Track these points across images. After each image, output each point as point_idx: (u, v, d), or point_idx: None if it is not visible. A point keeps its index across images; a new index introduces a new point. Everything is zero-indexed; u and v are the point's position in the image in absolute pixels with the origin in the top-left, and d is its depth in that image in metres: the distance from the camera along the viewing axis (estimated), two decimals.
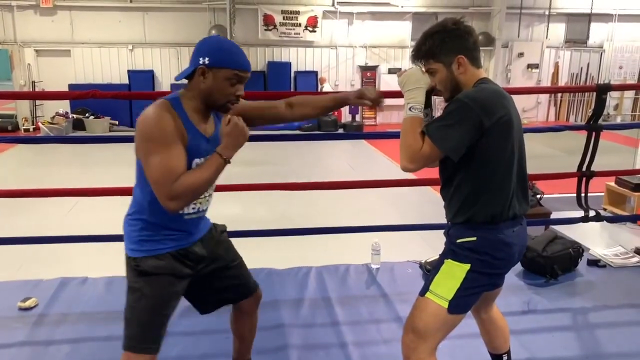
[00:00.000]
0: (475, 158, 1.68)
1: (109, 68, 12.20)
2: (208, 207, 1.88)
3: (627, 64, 13.86)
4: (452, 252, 1.78)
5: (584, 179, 3.37)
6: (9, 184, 5.95)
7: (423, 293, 1.78)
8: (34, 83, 11.87)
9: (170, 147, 1.59)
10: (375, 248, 3.55)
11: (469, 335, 2.35)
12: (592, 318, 2.96)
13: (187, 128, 1.65)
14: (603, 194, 5.41)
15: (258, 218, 5.25)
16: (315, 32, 12.59)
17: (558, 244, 3.46)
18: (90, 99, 2.80)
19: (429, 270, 2.47)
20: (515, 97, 1.91)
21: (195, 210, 1.79)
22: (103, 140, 6.61)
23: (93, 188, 3.46)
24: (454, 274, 1.74)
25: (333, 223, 3.71)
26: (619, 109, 13.83)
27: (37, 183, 6.10)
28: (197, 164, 1.69)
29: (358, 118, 12.78)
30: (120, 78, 12.18)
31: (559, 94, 13.92)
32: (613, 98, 13.73)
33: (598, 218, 3.39)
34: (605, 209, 5.33)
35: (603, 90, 3.15)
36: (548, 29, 13.26)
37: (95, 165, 7.97)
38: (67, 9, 11.76)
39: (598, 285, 3.32)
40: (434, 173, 1.91)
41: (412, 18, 12.80)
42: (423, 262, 3.51)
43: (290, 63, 12.66)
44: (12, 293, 3.05)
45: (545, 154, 8.68)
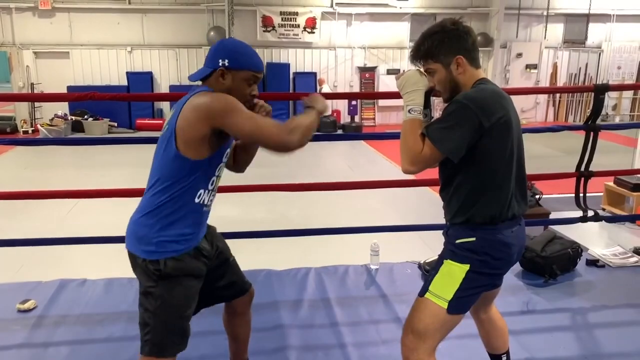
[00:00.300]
0: (475, 159, 1.69)
1: (108, 70, 12.19)
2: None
3: (625, 64, 13.88)
4: (451, 252, 1.78)
5: (583, 179, 3.37)
6: (8, 186, 5.95)
7: (422, 294, 1.78)
8: (33, 85, 11.87)
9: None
10: (374, 249, 3.55)
11: (468, 336, 2.36)
12: (591, 318, 2.96)
13: None
14: (602, 194, 5.42)
15: (257, 219, 5.25)
16: (314, 33, 12.60)
17: (557, 244, 3.47)
18: (89, 101, 2.80)
19: (428, 271, 2.47)
20: (514, 97, 1.91)
21: (210, 203, 1.82)
22: (102, 142, 6.64)
23: (92, 190, 3.45)
24: (453, 275, 1.74)
25: (332, 224, 3.72)
26: (618, 109, 13.85)
27: (35, 185, 6.10)
28: (227, 156, 1.81)
29: (357, 119, 12.80)
30: (119, 80, 12.18)
31: (558, 95, 13.94)
32: (611, 98, 13.76)
33: (597, 218, 3.39)
34: (604, 209, 5.34)
35: (601, 91, 3.16)
36: (546, 30, 13.28)
37: (94, 167, 7.97)
38: (65, 11, 11.76)
39: (597, 285, 3.33)
40: (433, 173, 1.92)
41: (410, 19, 12.81)
42: (422, 262, 3.51)
43: (289, 64, 12.67)
44: (11, 295, 3.05)
45: (544, 154, 8.69)
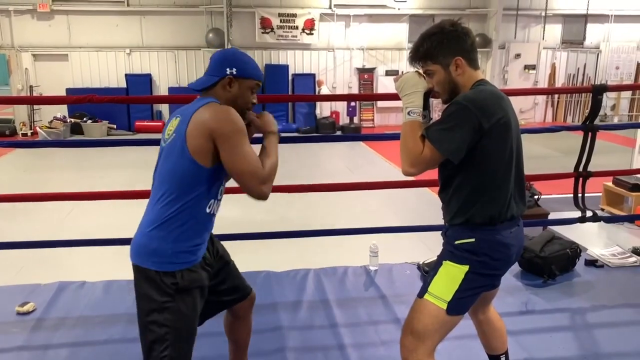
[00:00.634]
0: (474, 160, 1.69)
1: (107, 72, 12.19)
2: None
3: (623, 65, 13.90)
4: (450, 253, 1.79)
5: (581, 179, 3.38)
6: (7, 189, 5.94)
7: (421, 294, 1.79)
8: (32, 87, 11.87)
9: (247, 137, 1.70)
10: (373, 250, 3.55)
11: (467, 337, 2.36)
12: (590, 318, 2.96)
13: None
14: (601, 194, 5.43)
15: (257, 220, 5.25)
16: (313, 34, 12.61)
17: (556, 245, 3.47)
18: (88, 103, 2.80)
19: (427, 272, 2.47)
20: (513, 98, 1.91)
21: (217, 212, 1.81)
22: (101, 144, 6.64)
23: (91, 192, 3.45)
24: (453, 276, 1.74)
25: (331, 225, 3.72)
26: (616, 110, 13.87)
27: (35, 187, 6.09)
28: None
29: (356, 120, 12.81)
30: (118, 82, 12.18)
31: (556, 95, 13.95)
32: (610, 98, 13.78)
33: (595, 218, 3.39)
34: (603, 209, 5.35)
35: (599, 91, 3.16)
36: (544, 30, 13.29)
37: (93, 169, 7.97)
38: (64, 14, 11.76)
39: (596, 285, 3.33)
40: (432, 174, 1.92)
41: (409, 20, 12.83)
42: (421, 263, 3.51)
43: (288, 66, 12.67)
44: (10, 297, 3.05)
45: (543, 155, 8.70)
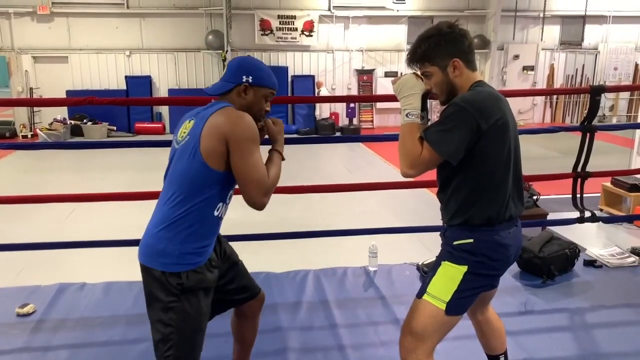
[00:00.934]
0: (473, 161, 1.70)
1: (107, 74, 12.21)
2: None
3: (621, 65, 13.92)
4: (448, 254, 1.79)
5: (579, 180, 3.39)
6: (7, 191, 5.95)
7: (420, 295, 1.79)
8: (32, 90, 11.88)
9: (259, 146, 1.73)
10: (373, 250, 3.55)
11: (466, 337, 2.36)
12: (589, 318, 2.97)
13: None
14: (599, 195, 5.44)
15: (256, 221, 5.24)
16: (312, 36, 12.63)
17: (554, 245, 3.48)
18: (88, 105, 2.82)
19: (426, 272, 2.48)
20: (511, 99, 1.92)
21: (225, 215, 1.82)
22: (101, 146, 6.60)
23: (91, 194, 3.46)
24: (451, 276, 1.75)
25: (331, 226, 3.73)
26: (615, 110, 13.89)
27: (35, 189, 6.10)
28: None
29: (355, 121, 12.82)
30: (118, 84, 12.19)
31: (555, 96, 13.97)
32: (608, 99, 13.79)
33: (593, 219, 3.40)
34: (602, 210, 5.36)
35: (597, 92, 3.17)
36: (543, 31, 13.32)
37: (93, 171, 7.97)
38: (64, 16, 11.78)
39: (595, 286, 3.34)
40: (431, 175, 1.93)
41: (407, 21, 12.85)
42: (420, 264, 3.52)
43: (287, 67, 12.69)
44: (10, 299, 3.05)
45: (542, 156, 8.71)
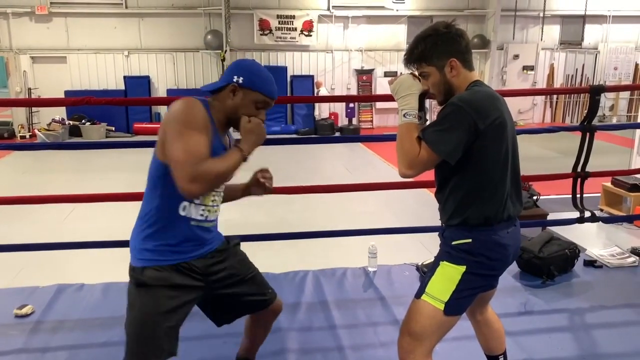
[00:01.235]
0: (471, 161, 1.69)
1: (105, 74, 12.20)
2: (216, 218, 1.87)
3: (621, 65, 13.93)
4: (447, 254, 1.79)
5: (579, 180, 3.38)
6: (6, 191, 5.94)
7: (419, 295, 1.79)
8: (30, 90, 11.87)
9: (199, 132, 1.61)
10: (372, 251, 3.55)
11: (466, 337, 2.36)
12: (589, 318, 2.96)
13: (212, 128, 1.69)
14: (600, 195, 5.43)
15: (256, 222, 5.25)
16: (311, 36, 12.62)
17: (554, 245, 3.47)
18: (86, 105, 2.81)
19: (426, 273, 2.47)
20: (511, 99, 1.92)
21: (203, 219, 1.78)
22: (99, 147, 6.60)
23: (90, 194, 3.45)
24: (450, 276, 1.74)
25: (330, 226, 3.72)
26: (615, 110, 13.89)
27: (33, 190, 6.09)
28: None
29: (355, 121, 12.82)
30: (117, 84, 12.19)
31: (555, 96, 13.97)
32: (608, 99, 13.80)
33: (593, 219, 3.40)
34: (602, 210, 5.35)
35: (596, 92, 3.17)
36: (543, 31, 13.32)
37: (92, 172, 7.97)
38: (62, 16, 11.77)
39: (594, 286, 3.33)
40: (430, 175, 1.92)
41: (407, 21, 12.85)
42: (420, 264, 3.52)
43: (287, 67, 12.69)
44: (8, 300, 3.04)
45: (542, 156, 8.71)
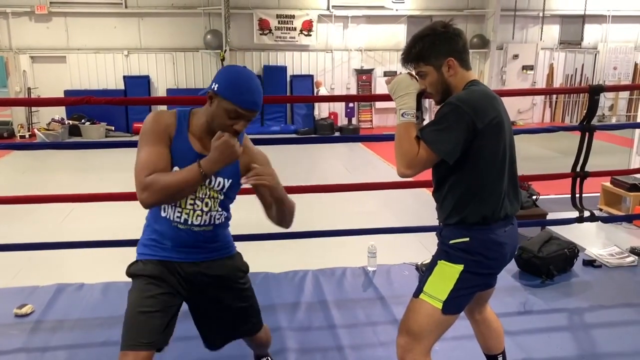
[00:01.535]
0: (468, 160, 1.70)
1: (105, 74, 12.18)
2: (209, 224, 1.83)
3: (621, 65, 13.92)
4: (445, 253, 1.80)
5: (579, 180, 3.39)
6: (5, 191, 5.94)
7: (417, 294, 1.79)
8: (30, 90, 11.86)
9: (155, 144, 1.71)
10: (372, 251, 3.55)
11: (465, 337, 2.36)
12: (588, 318, 2.97)
13: (177, 134, 1.75)
14: (599, 195, 5.43)
15: (255, 222, 5.24)
16: (311, 36, 12.62)
17: (553, 245, 3.48)
18: (86, 105, 2.82)
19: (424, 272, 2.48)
20: (511, 98, 1.92)
21: (183, 221, 1.78)
22: (99, 146, 6.60)
23: (89, 194, 3.45)
24: (448, 275, 1.75)
25: (329, 226, 3.72)
26: (614, 110, 13.89)
27: (33, 189, 6.09)
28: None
29: (354, 121, 12.81)
30: (116, 84, 12.18)
31: (554, 95, 13.96)
32: (608, 99, 13.79)
33: (593, 218, 3.41)
34: (601, 209, 5.35)
35: (595, 92, 3.17)
36: (542, 31, 13.31)
37: (92, 171, 7.96)
38: (62, 16, 11.76)
39: (594, 285, 3.34)
40: (430, 175, 1.93)
41: (407, 21, 12.84)
42: (419, 264, 3.52)
43: (286, 67, 12.67)
44: (8, 300, 3.05)
45: (541, 155, 8.71)
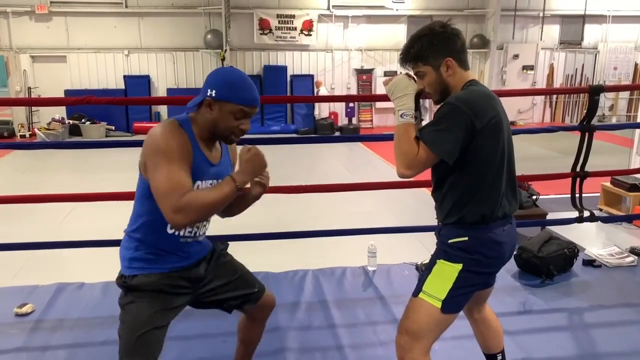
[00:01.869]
0: (467, 159, 1.70)
1: (105, 73, 12.19)
2: (205, 232, 1.89)
3: (621, 65, 13.92)
4: (444, 252, 1.80)
5: (578, 180, 3.39)
6: (6, 190, 5.94)
7: (416, 294, 1.80)
8: (30, 89, 11.86)
9: (180, 161, 1.60)
10: (372, 250, 3.56)
11: (464, 337, 2.37)
12: (587, 318, 2.97)
13: (193, 149, 1.68)
14: (599, 195, 5.44)
15: (254, 222, 5.24)
16: (311, 35, 12.62)
17: (553, 245, 3.48)
18: (86, 105, 2.82)
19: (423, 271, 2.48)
20: (511, 98, 1.93)
21: (192, 235, 1.80)
22: (99, 146, 6.60)
23: (90, 193, 3.45)
24: (447, 274, 1.75)
25: (329, 226, 3.72)
26: (614, 110, 13.89)
27: (33, 189, 6.09)
28: (198, 187, 1.70)
29: (354, 121, 12.82)
30: (117, 83, 12.18)
31: (555, 95, 13.96)
32: (608, 99, 13.79)
33: (592, 218, 3.41)
34: (601, 209, 5.35)
35: (595, 92, 3.18)
36: (542, 31, 13.31)
37: (92, 171, 7.96)
38: (62, 15, 11.76)
39: (593, 285, 3.34)
40: (429, 175, 1.93)
41: (407, 21, 12.84)
42: (419, 263, 3.53)
43: (286, 67, 12.68)
44: (8, 299, 3.05)
45: (541, 155, 8.71)
